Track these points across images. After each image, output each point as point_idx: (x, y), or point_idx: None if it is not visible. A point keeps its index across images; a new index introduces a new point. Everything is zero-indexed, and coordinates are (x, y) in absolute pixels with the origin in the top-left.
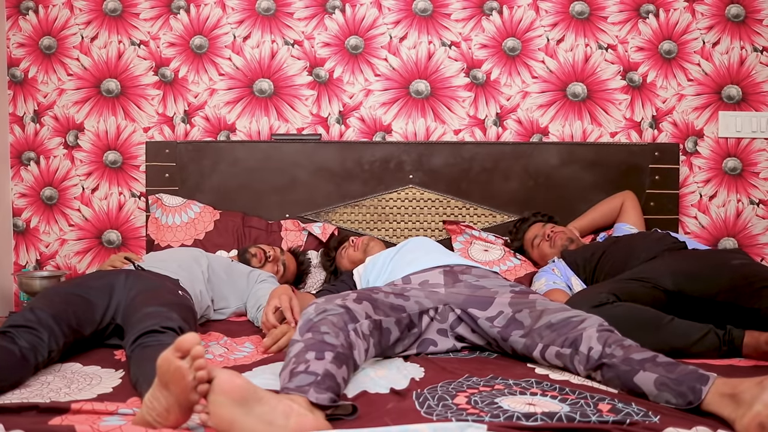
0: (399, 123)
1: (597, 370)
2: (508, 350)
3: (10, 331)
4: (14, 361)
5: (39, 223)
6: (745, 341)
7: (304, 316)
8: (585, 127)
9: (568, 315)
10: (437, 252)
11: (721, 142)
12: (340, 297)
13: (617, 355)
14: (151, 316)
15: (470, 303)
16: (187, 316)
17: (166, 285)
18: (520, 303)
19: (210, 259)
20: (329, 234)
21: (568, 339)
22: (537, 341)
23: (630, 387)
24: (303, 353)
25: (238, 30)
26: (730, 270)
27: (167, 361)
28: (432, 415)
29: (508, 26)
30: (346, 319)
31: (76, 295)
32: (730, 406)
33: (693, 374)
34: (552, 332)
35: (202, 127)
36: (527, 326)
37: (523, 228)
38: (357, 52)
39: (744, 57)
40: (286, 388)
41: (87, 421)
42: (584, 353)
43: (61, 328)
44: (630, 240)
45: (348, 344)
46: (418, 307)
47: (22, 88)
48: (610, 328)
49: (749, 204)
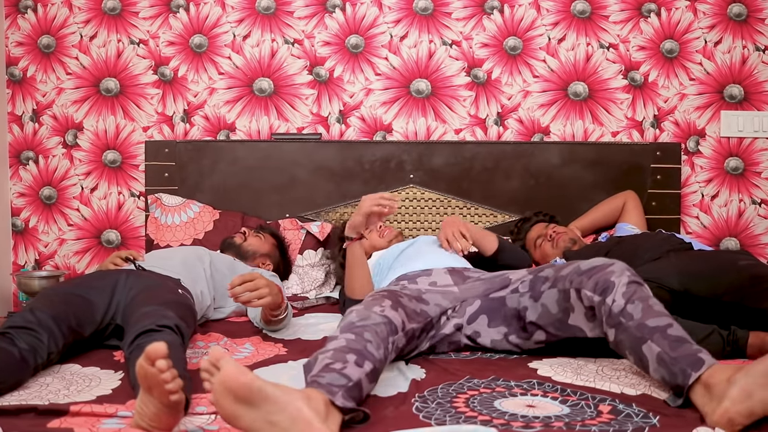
0: (399, 122)
1: (612, 328)
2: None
3: (10, 332)
4: (13, 363)
5: (38, 222)
6: (750, 342)
7: (346, 320)
8: (586, 126)
9: (595, 262)
10: (440, 253)
11: (723, 142)
12: (377, 303)
13: (635, 317)
14: (147, 315)
15: (490, 289)
16: (185, 314)
17: (166, 284)
18: (537, 270)
19: (212, 256)
20: (327, 233)
21: (599, 284)
22: (568, 287)
23: (637, 353)
24: (343, 352)
25: (237, 29)
26: (736, 270)
27: (142, 368)
28: (430, 419)
29: (509, 25)
30: (388, 330)
31: (77, 295)
32: (704, 397)
33: (691, 357)
34: (579, 276)
35: (202, 126)
36: (552, 277)
37: (525, 228)
38: (357, 51)
39: (746, 56)
40: (316, 381)
41: (86, 424)
42: (608, 305)
43: (61, 329)
44: (634, 240)
45: (384, 358)
46: (439, 309)
47: (20, 87)
48: (638, 281)
49: (751, 204)
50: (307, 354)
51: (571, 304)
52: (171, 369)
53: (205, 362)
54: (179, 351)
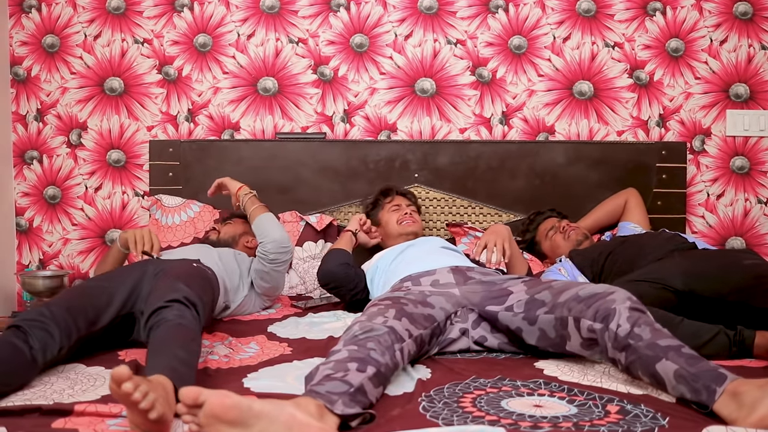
0: (404, 121)
1: (622, 352)
2: (533, 340)
3: (24, 326)
4: (23, 364)
5: (42, 222)
6: (757, 342)
7: (349, 332)
8: (591, 125)
9: (594, 289)
10: (443, 253)
11: (728, 141)
12: (381, 314)
13: (644, 338)
14: (158, 293)
15: (486, 301)
16: (198, 283)
17: (182, 262)
18: (535, 286)
19: (219, 251)
20: (325, 224)
21: (600, 312)
22: (566, 315)
23: (651, 373)
24: (345, 362)
25: (242, 28)
26: (741, 270)
27: (112, 390)
28: (438, 418)
29: (514, 24)
30: (393, 339)
31: (97, 287)
32: (731, 405)
33: (712, 372)
34: (579, 303)
35: (206, 125)
36: (549, 302)
37: (538, 219)
38: (362, 51)
39: (752, 55)
40: (313, 391)
41: (91, 424)
42: (613, 330)
43: (76, 323)
44: (638, 240)
45: (393, 364)
46: (444, 314)
47: (24, 87)
48: (641, 308)
49: (757, 203)
50: (311, 354)
51: (567, 332)
52: (139, 387)
53: (182, 408)
54: (180, 336)
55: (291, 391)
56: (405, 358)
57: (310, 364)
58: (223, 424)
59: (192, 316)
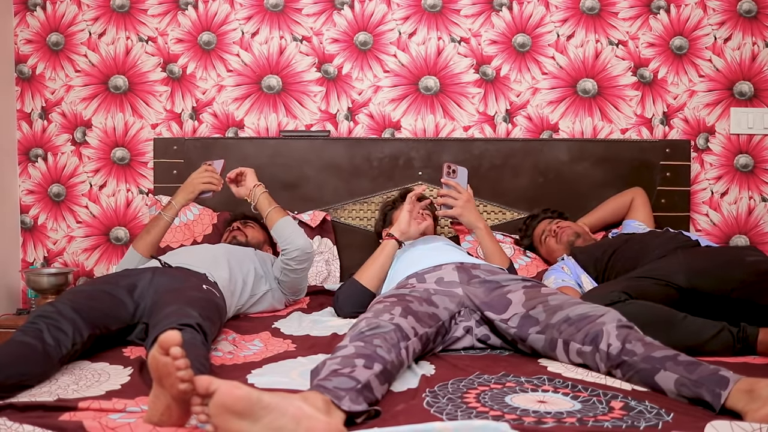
0: (408, 119)
1: (617, 368)
2: (527, 350)
3: (38, 322)
4: (36, 356)
5: (46, 220)
6: (760, 338)
7: (356, 329)
8: (595, 123)
9: (585, 309)
10: (447, 250)
11: (732, 139)
12: (387, 311)
13: (638, 353)
14: (170, 315)
15: (486, 306)
16: (209, 311)
17: (190, 281)
18: (533, 298)
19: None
20: (319, 221)
21: (588, 335)
22: (556, 337)
23: (651, 385)
24: (351, 358)
25: (246, 26)
26: (744, 266)
27: (154, 358)
28: (442, 414)
29: (518, 22)
30: (399, 337)
31: (103, 292)
32: (743, 400)
33: (713, 376)
34: (570, 326)
35: (210, 123)
36: (542, 322)
37: (532, 225)
38: (366, 48)
39: (756, 53)
40: (321, 386)
41: (96, 417)
42: (604, 350)
43: (85, 321)
44: (642, 238)
45: (399, 362)
46: (448, 314)
47: (29, 85)
48: (629, 324)
49: (761, 201)
50: (315, 350)
51: (555, 354)
52: (185, 357)
53: (195, 398)
54: (199, 348)
55: (295, 387)
56: (410, 356)
57: (314, 360)
58: (231, 415)
59: (202, 342)
